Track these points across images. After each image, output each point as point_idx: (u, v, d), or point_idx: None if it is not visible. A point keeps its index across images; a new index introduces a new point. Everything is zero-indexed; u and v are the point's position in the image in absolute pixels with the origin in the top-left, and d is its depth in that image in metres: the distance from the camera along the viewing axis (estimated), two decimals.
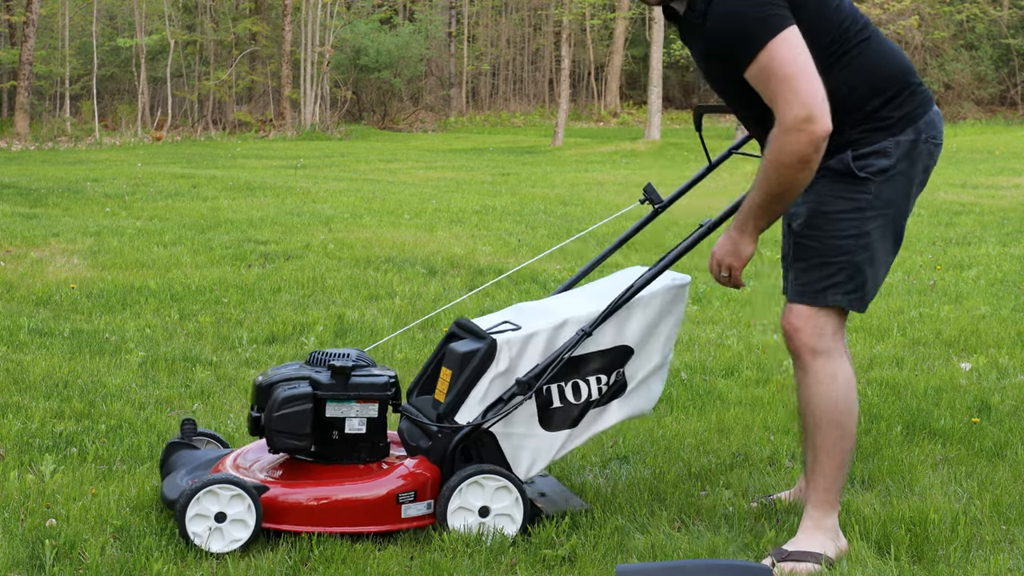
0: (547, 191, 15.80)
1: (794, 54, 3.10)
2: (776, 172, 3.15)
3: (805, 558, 3.34)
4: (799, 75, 3.09)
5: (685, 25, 3.39)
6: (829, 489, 3.42)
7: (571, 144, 28.65)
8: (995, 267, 8.90)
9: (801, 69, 3.10)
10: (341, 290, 7.87)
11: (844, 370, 3.40)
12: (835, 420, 3.39)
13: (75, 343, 6.19)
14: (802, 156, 3.10)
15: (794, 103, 3.08)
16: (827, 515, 3.43)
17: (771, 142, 3.15)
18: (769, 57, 3.11)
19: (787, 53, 3.10)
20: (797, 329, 3.39)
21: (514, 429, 3.68)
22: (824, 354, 3.38)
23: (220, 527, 3.39)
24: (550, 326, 3.72)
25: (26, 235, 10.32)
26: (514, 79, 45.85)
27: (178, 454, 3.83)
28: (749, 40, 3.12)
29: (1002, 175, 18.10)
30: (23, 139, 28.74)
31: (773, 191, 3.19)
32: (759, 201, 3.22)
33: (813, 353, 3.37)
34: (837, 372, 3.39)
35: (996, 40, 38.90)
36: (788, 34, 3.12)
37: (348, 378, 3.62)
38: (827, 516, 3.43)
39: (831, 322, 3.40)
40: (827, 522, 3.42)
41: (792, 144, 3.09)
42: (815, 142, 3.09)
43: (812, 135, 3.08)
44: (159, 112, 35.61)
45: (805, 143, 3.09)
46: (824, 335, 3.38)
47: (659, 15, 31.91)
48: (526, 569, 3.35)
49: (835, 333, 3.40)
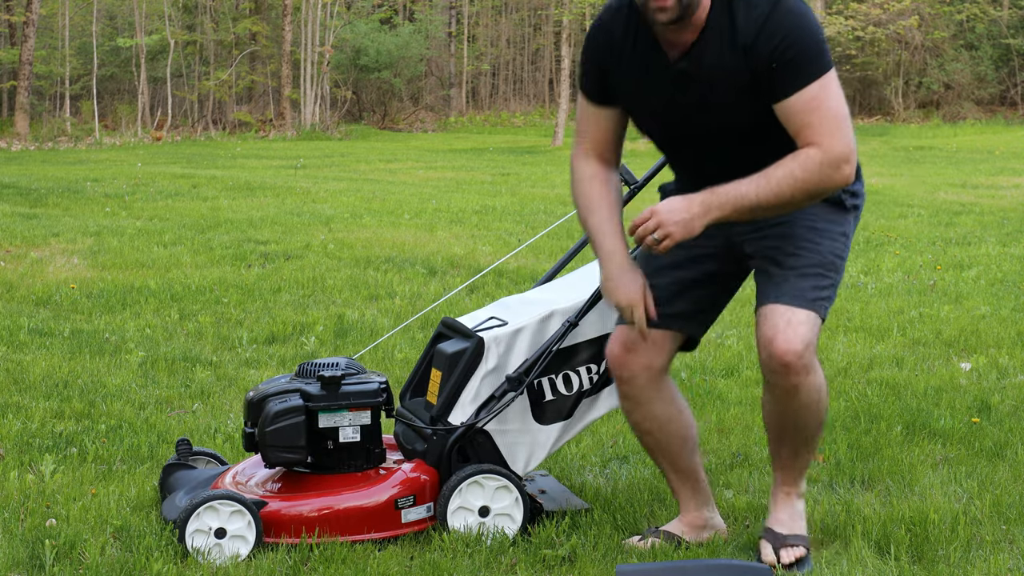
0: (547, 191, 15.80)
1: (841, 95, 3.17)
2: (792, 188, 3.13)
3: (799, 542, 3.41)
4: (847, 116, 3.17)
5: (704, 55, 3.23)
6: (804, 473, 3.51)
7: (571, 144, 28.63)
8: (995, 267, 8.90)
9: (847, 112, 3.18)
10: (341, 290, 7.87)
11: (822, 375, 3.37)
12: (822, 422, 3.42)
13: (75, 343, 6.19)
14: (826, 189, 3.15)
15: (842, 139, 3.13)
16: (801, 497, 3.52)
17: (803, 163, 3.12)
18: (823, 88, 3.13)
19: (838, 91, 3.16)
20: (801, 352, 3.23)
21: (508, 426, 3.69)
22: (816, 369, 3.31)
23: (220, 543, 3.38)
24: (536, 319, 3.72)
25: (26, 235, 10.32)
26: (514, 79, 45.85)
27: (176, 475, 3.81)
28: (808, 66, 3.12)
29: (1002, 175, 18.10)
30: (23, 139, 28.74)
31: (774, 202, 3.15)
32: (752, 201, 3.15)
33: (807, 371, 3.27)
34: (823, 382, 3.35)
35: (996, 40, 38.88)
36: (835, 74, 3.19)
37: (339, 387, 3.61)
38: (801, 498, 3.52)
39: (818, 335, 3.34)
40: (801, 504, 3.51)
41: (827, 175, 3.12)
42: (843, 181, 3.16)
43: (845, 176, 3.15)
44: (159, 112, 35.60)
45: (838, 180, 3.14)
46: (815, 349, 3.31)
47: None
48: (526, 569, 3.35)
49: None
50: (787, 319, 3.26)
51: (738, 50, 3.16)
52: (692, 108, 3.27)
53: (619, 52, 3.32)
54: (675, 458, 3.58)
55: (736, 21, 3.16)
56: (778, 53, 3.11)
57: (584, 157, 3.46)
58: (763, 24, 3.12)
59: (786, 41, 3.11)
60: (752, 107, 3.20)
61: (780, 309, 3.28)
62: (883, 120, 38.94)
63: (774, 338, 3.24)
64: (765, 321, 3.28)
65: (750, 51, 3.14)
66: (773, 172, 3.14)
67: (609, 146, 3.45)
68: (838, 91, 3.16)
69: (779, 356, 3.23)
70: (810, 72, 3.12)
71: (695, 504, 3.61)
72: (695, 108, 3.27)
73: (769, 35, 3.12)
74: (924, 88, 39.27)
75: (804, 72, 3.12)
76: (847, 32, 33.12)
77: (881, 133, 32.62)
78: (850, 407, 5.04)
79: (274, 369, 5.74)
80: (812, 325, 3.27)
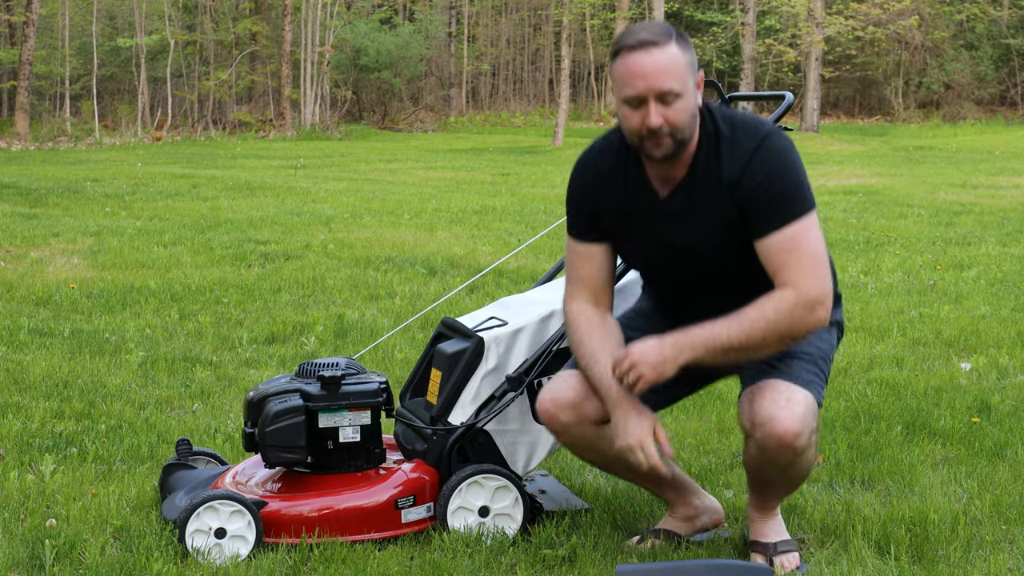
0: (547, 191, 15.80)
1: (820, 237, 3.19)
2: (764, 330, 3.11)
3: (790, 547, 3.42)
4: (825, 259, 3.18)
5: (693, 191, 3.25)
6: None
7: (571, 144, 28.64)
8: (995, 267, 8.90)
9: (824, 254, 3.19)
10: (341, 290, 7.87)
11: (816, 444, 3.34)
12: (810, 472, 3.40)
13: (75, 343, 6.19)
14: (799, 331, 3.14)
15: (817, 282, 3.13)
16: (777, 510, 3.51)
17: (776, 304, 3.11)
18: (805, 228, 3.15)
19: (817, 233, 3.18)
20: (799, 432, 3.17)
21: (508, 426, 3.69)
22: (813, 445, 3.26)
23: (220, 543, 3.38)
24: (536, 319, 3.73)
25: (26, 235, 10.32)
26: (514, 79, 45.84)
27: (176, 475, 3.81)
28: (788, 205, 3.15)
29: (1002, 175, 18.10)
30: (23, 139, 28.74)
31: (746, 343, 3.12)
32: (724, 342, 3.12)
33: (806, 448, 3.22)
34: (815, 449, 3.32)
35: (996, 40, 38.89)
36: (816, 216, 3.20)
37: (339, 387, 3.62)
38: (777, 511, 3.51)
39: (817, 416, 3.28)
40: (778, 514, 3.51)
41: (800, 317, 3.12)
42: (818, 323, 3.15)
43: (818, 319, 3.14)
44: (159, 112, 35.60)
45: (811, 322, 3.13)
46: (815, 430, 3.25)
47: (659, 15, 31.93)
48: (526, 569, 3.35)
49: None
50: (787, 397, 3.21)
51: (724, 187, 3.20)
52: (680, 243, 3.29)
53: (609, 187, 3.35)
54: (643, 477, 3.56)
55: (722, 159, 3.20)
56: (760, 191, 3.15)
57: (578, 302, 3.41)
58: (748, 162, 3.17)
59: (768, 180, 3.15)
60: (739, 244, 3.23)
61: (780, 385, 3.22)
62: (883, 120, 38.95)
63: (774, 417, 3.17)
64: (761, 396, 3.22)
65: (735, 188, 3.18)
66: (747, 313, 3.13)
67: (602, 286, 3.42)
68: (818, 233, 3.18)
69: (778, 436, 3.18)
70: (790, 212, 3.14)
71: (682, 499, 3.61)
72: (683, 243, 3.29)
73: (753, 173, 3.15)
74: (924, 88, 39.27)
75: (784, 211, 3.14)
76: (847, 32, 33.11)
77: (881, 133, 32.63)
78: (850, 407, 5.04)
79: (274, 369, 5.74)
80: (811, 407, 3.22)
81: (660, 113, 3.11)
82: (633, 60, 3.11)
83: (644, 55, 3.10)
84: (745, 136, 3.20)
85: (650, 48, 3.10)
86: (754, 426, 3.21)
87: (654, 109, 3.11)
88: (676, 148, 3.17)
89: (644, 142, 3.16)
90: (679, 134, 3.15)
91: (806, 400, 3.21)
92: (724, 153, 3.20)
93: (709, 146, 3.22)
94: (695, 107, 3.18)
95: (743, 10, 33.39)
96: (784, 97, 4.12)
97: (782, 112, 4.01)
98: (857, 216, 12.49)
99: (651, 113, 3.11)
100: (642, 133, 3.15)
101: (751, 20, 32.40)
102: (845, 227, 11.49)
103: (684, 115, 3.13)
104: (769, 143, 3.18)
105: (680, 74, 3.11)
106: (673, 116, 3.12)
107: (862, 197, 14.69)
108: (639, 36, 3.12)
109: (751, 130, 3.21)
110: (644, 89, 3.10)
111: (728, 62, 39.98)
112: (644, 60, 3.10)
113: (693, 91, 3.16)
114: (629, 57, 3.11)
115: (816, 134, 29.94)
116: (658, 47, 3.10)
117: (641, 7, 40.87)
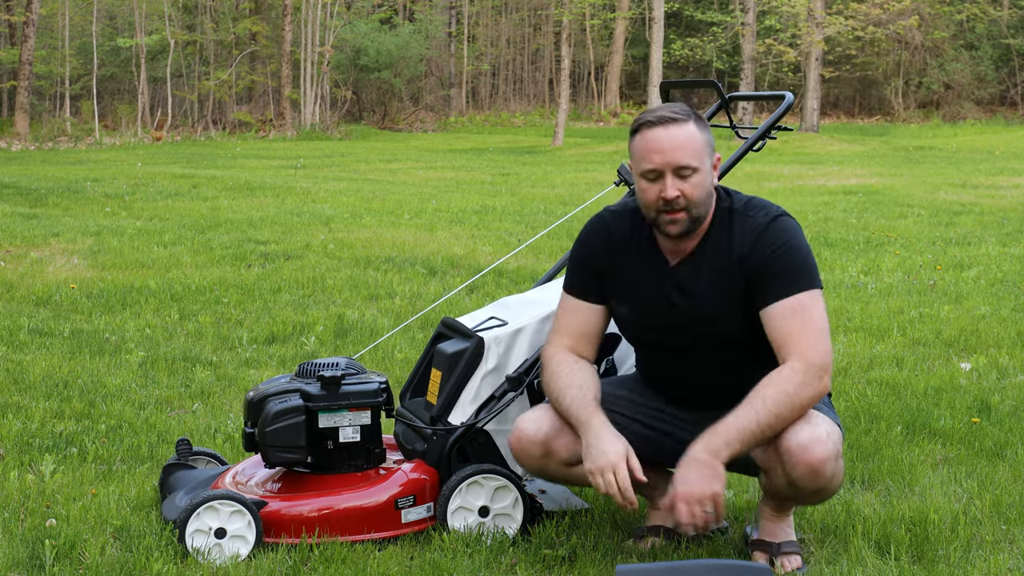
0: (547, 191, 15.80)
1: (825, 314, 3.26)
2: (788, 405, 3.14)
3: (793, 548, 3.41)
4: (828, 333, 3.24)
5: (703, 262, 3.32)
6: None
7: (571, 144, 28.66)
8: (995, 267, 8.90)
9: (828, 329, 3.26)
10: (341, 290, 7.87)
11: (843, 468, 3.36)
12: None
13: (75, 343, 6.19)
14: (812, 399, 3.18)
15: (822, 351, 3.19)
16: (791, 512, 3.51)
17: (789, 377, 3.15)
18: (812, 300, 3.23)
19: (823, 309, 3.26)
20: (827, 457, 3.19)
21: (508, 426, 3.69)
22: (840, 471, 3.30)
23: (220, 543, 3.38)
24: (536, 319, 3.73)
25: (26, 235, 10.32)
26: (514, 79, 45.84)
27: (176, 475, 3.81)
28: (799, 276, 3.23)
29: (1002, 175, 18.10)
30: (23, 139, 28.74)
31: (773, 423, 3.14)
32: (755, 431, 3.13)
33: (835, 474, 3.26)
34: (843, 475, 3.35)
35: (996, 40, 38.89)
36: (822, 295, 3.29)
37: (339, 387, 3.62)
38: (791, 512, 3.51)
39: (841, 443, 3.31)
40: (790, 515, 3.49)
41: (811, 385, 3.16)
42: (823, 391, 3.20)
43: (825, 386, 3.19)
44: (159, 112, 35.61)
45: (820, 389, 3.18)
46: (841, 455, 3.29)
47: (659, 15, 31.95)
48: (526, 569, 3.35)
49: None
50: (810, 424, 3.21)
51: (734, 259, 3.28)
52: (686, 309, 3.33)
53: (620, 253, 3.40)
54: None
55: (734, 232, 3.30)
56: (770, 262, 3.24)
57: (557, 352, 3.44)
58: (760, 235, 3.27)
59: (781, 250, 3.24)
60: (743, 315, 3.28)
61: (809, 411, 3.23)
62: (883, 120, 38.95)
63: (802, 444, 3.16)
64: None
65: (746, 259, 3.26)
66: (762, 393, 3.15)
67: (587, 341, 3.45)
68: (823, 309, 3.25)
69: (808, 463, 3.18)
70: (801, 282, 3.23)
71: (659, 490, 3.60)
72: (689, 310, 3.33)
73: (765, 244, 3.25)
74: (924, 88, 39.27)
75: (795, 281, 3.23)
76: (847, 32, 33.11)
77: (881, 133, 32.63)
78: (850, 407, 5.04)
79: (274, 369, 5.74)
80: (833, 429, 3.25)
81: (676, 187, 3.20)
82: (652, 135, 3.23)
83: (662, 131, 3.21)
84: (758, 213, 3.31)
85: (668, 124, 3.22)
86: (780, 454, 3.21)
87: (671, 182, 3.21)
88: (691, 225, 3.26)
89: (660, 216, 3.25)
90: (694, 209, 3.23)
91: (826, 422, 3.24)
92: (736, 227, 3.30)
93: (722, 220, 3.32)
94: (711, 186, 3.28)
95: (743, 10, 33.40)
96: (784, 97, 4.13)
97: (782, 112, 4.01)
98: (857, 216, 12.50)
99: (668, 186, 3.21)
100: (659, 206, 3.23)
101: (751, 20, 32.40)
102: (845, 227, 11.49)
103: (700, 191, 3.23)
104: (781, 221, 3.29)
105: (697, 151, 3.22)
106: (689, 191, 3.21)
107: (862, 197, 14.69)
108: (659, 113, 3.24)
109: (764, 209, 3.32)
110: (661, 163, 3.21)
111: (728, 62, 39.99)
112: (662, 135, 3.21)
113: (710, 171, 3.27)
114: (648, 132, 3.23)
115: (816, 134, 29.94)
116: (676, 124, 3.22)
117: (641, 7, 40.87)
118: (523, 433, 3.41)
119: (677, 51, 37.53)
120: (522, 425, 3.42)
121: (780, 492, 3.31)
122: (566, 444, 3.36)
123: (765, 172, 18.90)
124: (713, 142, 3.29)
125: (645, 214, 3.31)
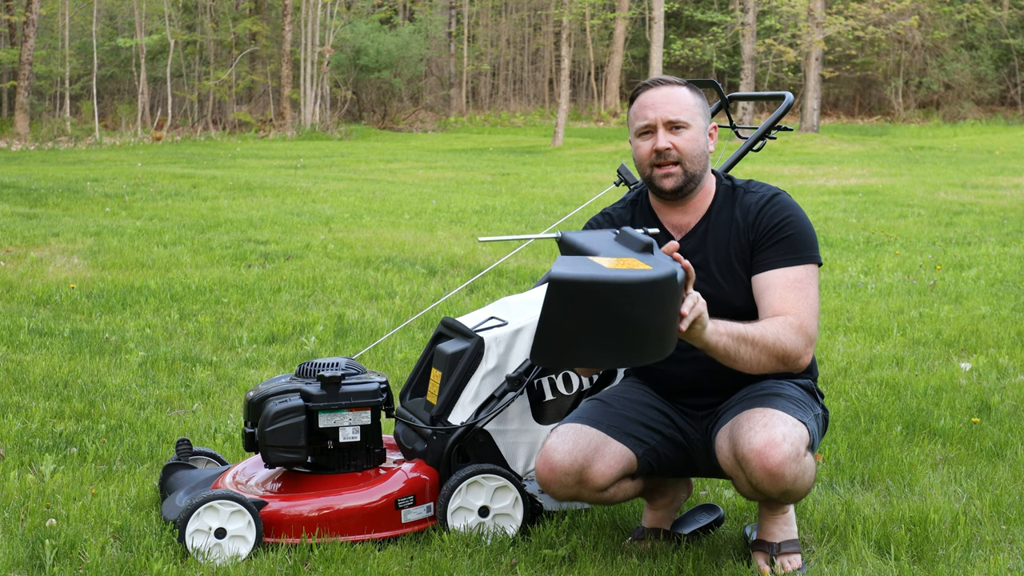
0: (547, 191, 15.80)
1: (818, 293, 3.33)
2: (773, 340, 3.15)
3: (793, 548, 3.41)
4: (818, 310, 3.31)
5: (707, 236, 3.36)
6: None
7: (571, 144, 28.65)
8: (995, 267, 8.90)
9: (818, 307, 3.32)
10: (341, 290, 7.87)
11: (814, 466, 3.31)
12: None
13: (75, 343, 6.20)
14: (791, 356, 3.19)
15: (814, 328, 3.26)
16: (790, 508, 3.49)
17: (783, 321, 3.19)
18: (807, 274, 3.30)
19: (816, 289, 3.31)
20: (793, 455, 3.12)
21: (508, 426, 3.69)
22: (811, 467, 3.22)
23: (220, 543, 3.38)
24: (536, 319, 3.72)
25: (26, 235, 10.32)
26: (514, 79, 45.84)
27: (176, 475, 3.82)
28: (801, 249, 3.30)
29: (1002, 175, 18.10)
30: (23, 139, 28.74)
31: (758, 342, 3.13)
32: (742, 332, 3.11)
33: (796, 459, 3.14)
34: (814, 472, 3.28)
35: (996, 40, 38.89)
36: (817, 275, 3.35)
37: (339, 387, 3.62)
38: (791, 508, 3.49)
39: (807, 442, 3.23)
40: (791, 511, 3.47)
41: (796, 342, 3.19)
42: (803, 359, 3.22)
43: (807, 355, 3.23)
44: (159, 112, 35.61)
45: (803, 354, 3.22)
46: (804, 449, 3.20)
47: (659, 15, 31.96)
48: (526, 569, 3.35)
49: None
50: (764, 422, 3.15)
51: (739, 229, 3.34)
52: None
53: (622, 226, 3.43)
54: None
55: (736, 206, 3.38)
56: (775, 230, 3.31)
57: None
58: (763, 206, 3.35)
59: (786, 220, 3.32)
60: (749, 289, 3.33)
61: (769, 412, 3.19)
62: (883, 120, 38.95)
63: (763, 451, 3.10)
64: (743, 423, 3.18)
65: (751, 228, 3.33)
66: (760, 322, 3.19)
67: None
68: (817, 288, 3.32)
69: (767, 468, 3.11)
70: (802, 256, 3.30)
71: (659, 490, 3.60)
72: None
73: (770, 216, 3.33)
74: (924, 88, 39.28)
75: (797, 253, 3.30)
76: (847, 32, 33.11)
77: (881, 133, 32.63)
78: (850, 407, 5.04)
79: (274, 369, 5.74)
80: (801, 432, 3.18)
81: (668, 140, 3.28)
82: (645, 95, 3.34)
83: (655, 90, 3.34)
84: (760, 188, 3.41)
85: (661, 86, 3.34)
86: (738, 460, 3.16)
87: (662, 134, 3.29)
88: (686, 180, 3.31)
89: (653, 171, 3.31)
90: (688, 164, 3.30)
91: (786, 423, 3.16)
92: (739, 202, 3.38)
93: (725, 197, 3.40)
94: (705, 147, 3.34)
95: (743, 10, 33.39)
96: (784, 97, 4.13)
97: (782, 112, 4.01)
98: (857, 216, 12.50)
99: (659, 137, 3.28)
100: (652, 159, 3.30)
101: (751, 20, 32.39)
102: (845, 227, 11.49)
103: (692, 145, 3.30)
104: (783, 197, 3.38)
105: (688, 108, 3.31)
106: (681, 144, 3.29)
107: (862, 197, 14.69)
108: (653, 78, 3.38)
109: (765, 186, 3.42)
110: (653, 118, 3.31)
111: (728, 62, 39.98)
112: (655, 94, 3.34)
113: (704, 133, 3.34)
114: (643, 94, 3.35)
115: (816, 134, 29.94)
116: (669, 85, 3.34)
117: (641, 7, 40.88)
118: (557, 465, 3.28)
119: (677, 51, 37.52)
120: (554, 457, 3.29)
121: (750, 497, 3.29)
122: (601, 471, 3.30)
123: (765, 172, 18.90)
124: (707, 108, 3.39)
125: (641, 174, 3.37)
